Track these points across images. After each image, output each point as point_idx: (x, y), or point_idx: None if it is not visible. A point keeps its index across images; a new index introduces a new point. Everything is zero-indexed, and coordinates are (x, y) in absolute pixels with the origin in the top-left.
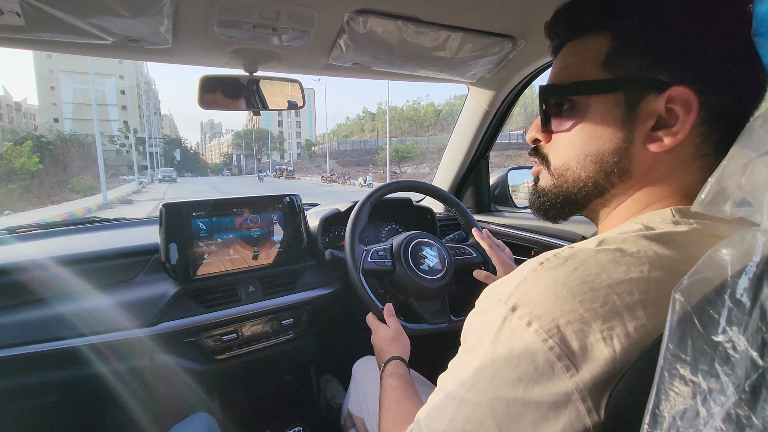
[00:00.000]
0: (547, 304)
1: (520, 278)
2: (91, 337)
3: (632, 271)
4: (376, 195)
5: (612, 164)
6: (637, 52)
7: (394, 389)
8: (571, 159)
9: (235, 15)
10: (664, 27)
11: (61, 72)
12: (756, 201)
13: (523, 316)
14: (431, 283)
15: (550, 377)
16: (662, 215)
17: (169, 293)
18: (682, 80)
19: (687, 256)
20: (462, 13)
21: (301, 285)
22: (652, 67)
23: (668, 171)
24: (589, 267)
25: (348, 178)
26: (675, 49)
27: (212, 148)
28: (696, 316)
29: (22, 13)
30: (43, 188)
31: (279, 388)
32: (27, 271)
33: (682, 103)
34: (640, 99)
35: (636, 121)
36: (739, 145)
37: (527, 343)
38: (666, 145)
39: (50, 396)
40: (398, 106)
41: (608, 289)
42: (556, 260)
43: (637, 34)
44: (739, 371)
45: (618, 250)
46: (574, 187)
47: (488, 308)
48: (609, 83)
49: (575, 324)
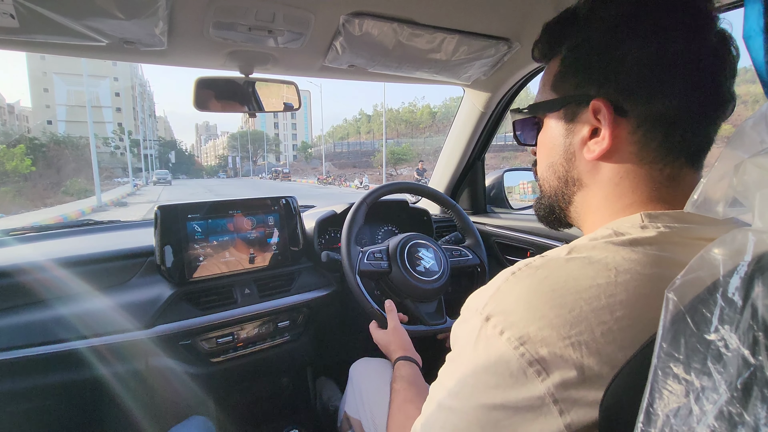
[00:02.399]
0: (519, 312)
1: (494, 288)
2: (84, 341)
3: (599, 277)
4: (373, 196)
5: (564, 173)
6: (573, 73)
7: (397, 393)
8: (543, 170)
9: (231, 17)
10: (591, 49)
11: (54, 74)
12: (747, 201)
13: (497, 325)
14: (427, 285)
15: (524, 382)
16: (632, 220)
17: (164, 296)
18: (606, 93)
19: (655, 260)
20: (457, 16)
21: (297, 287)
22: (584, 85)
23: (621, 179)
24: (559, 275)
25: (344, 179)
26: (598, 66)
27: (207, 150)
28: (689, 315)
29: (16, 14)
30: (36, 191)
31: (275, 391)
32: (20, 274)
33: (603, 114)
34: (576, 113)
35: (575, 133)
36: (730, 147)
37: (501, 351)
38: (597, 153)
39: (44, 400)
40: (394, 107)
41: (576, 296)
42: (528, 270)
43: (572, 58)
44: (731, 369)
45: (586, 258)
46: (549, 198)
47: (468, 318)
48: (556, 102)
49: (545, 330)
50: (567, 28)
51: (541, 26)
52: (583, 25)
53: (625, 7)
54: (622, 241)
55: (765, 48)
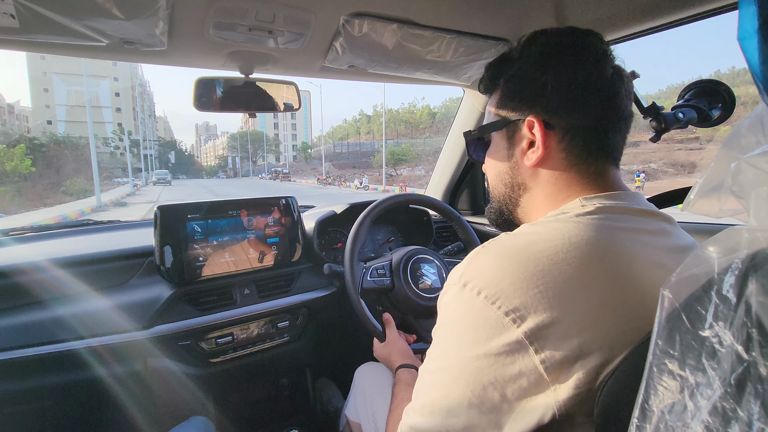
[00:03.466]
0: (491, 274)
1: (468, 260)
2: (83, 341)
3: (556, 239)
4: (376, 211)
5: (510, 180)
6: (511, 98)
7: (396, 396)
8: (493, 180)
9: (231, 18)
10: (521, 79)
11: (54, 74)
12: (742, 200)
13: (473, 288)
14: (430, 302)
15: (502, 331)
16: (573, 204)
17: (164, 296)
18: (536, 112)
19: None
20: (457, 17)
21: (296, 287)
22: (519, 107)
23: (557, 179)
24: (521, 242)
25: (344, 180)
26: (528, 92)
27: (207, 150)
28: (684, 313)
29: (17, 14)
30: (36, 191)
31: (275, 392)
32: (20, 274)
33: (536, 128)
34: (515, 129)
35: (516, 145)
36: (727, 146)
37: (479, 308)
38: (534, 160)
39: (42, 401)
40: (394, 108)
41: (538, 254)
42: (494, 242)
43: (509, 88)
44: (725, 365)
45: (543, 229)
46: (498, 202)
47: (447, 290)
48: (499, 123)
49: (515, 284)
50: (504, 66)
51: (540, 27)
52: (516, 61)
53: (545, 48)
54: (568, 217)
55: (759, 49)
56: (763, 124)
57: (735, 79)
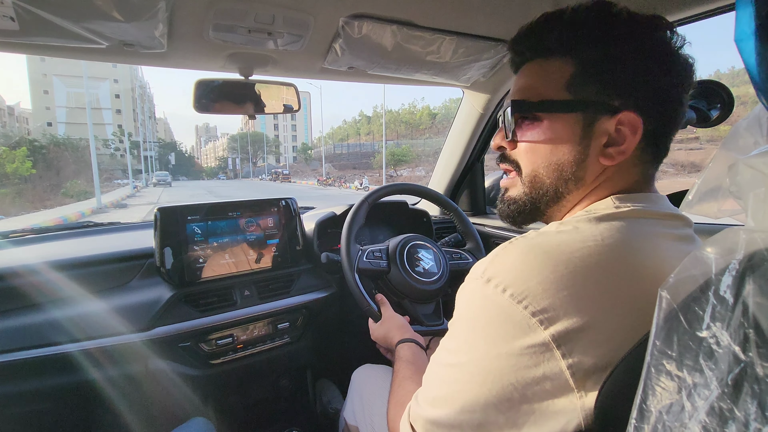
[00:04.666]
0: (517, 272)
1: (492, 256)
2: (84, 343)
3: (588, 240)
4: (374, 196)
5: (570, 173)
6: (595, 79)
7: (396, 373)
8: (538, 167)
9: (231, 19)
10: (617, 60)
11: (54, 76)
12: (741, 201)
13: (498, 285)
14: (426, 286)
15: (527, 332)
16: (605, 203)
17: (164, 298)
18: (629, 106)
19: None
20: (456, 18)
21: (296, 288)
22: (606, 93)
23: (613, 176)
24: (551, 241)
25: (344, 181)
26: (625, 79)
27: (207, 151)
28: (682, 313)
29: (17, 17)
30: (36, 192)
31: (275, 393)
32: (20, 276)
33: (630, 126)
34: (595, 119)
35: (591, 137)
36: (725, 147)
37: (503, 305)
38: (615, 160)
39: (43, 403)
40: (394, 109)
41: (569, 255)
42: (522, 239)
43: (595, 64)
44: (722, 366)
45: (574, 228)
46: (539, 194)
47: (468, 284)
48: (571, 104)
49: (544, 284)
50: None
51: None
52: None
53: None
54: (601, 216)
55: (756, 51)
56: (761, 125)
57: (735, 79)
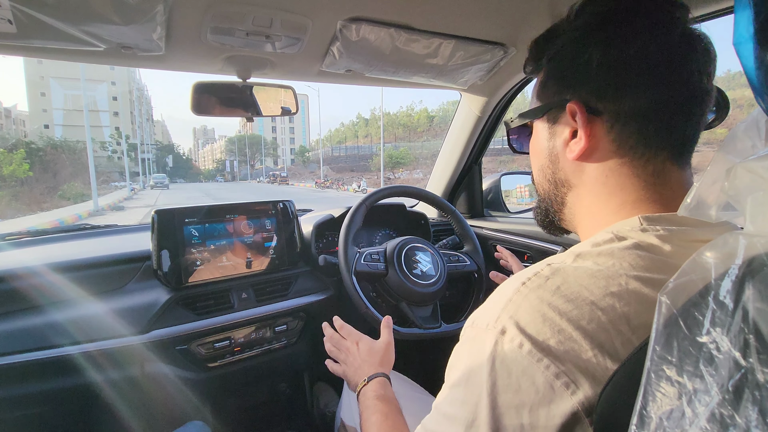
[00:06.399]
0: (537, 324)
1: (505, 300)
2: (81, 346)
3: (611, 286)
4: (372, 198)
5: (551, 174)
6: (553, 81)
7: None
8: (536, 174)
9: (229, 22)
10: (563, 58)
11: (51, 78)
12: (739, 205)
13: (514, 339)
14: (423, 288)
15: (552, 398)
16: (630, 224)
17: (161, 300)
18: (579, 96)
19: (658, 264)
20: (454, 21)
21: (294, 291)
22: (561, 91)
23: (606, 178)
24: (571, 284)
25: (342, 183)
26: (571, 72)
27: (205, 154)
28: (681, 319)
29: (14, 20)
30: (33, 195)
31: (273, 396)
32: (16, 279)
33: (581, 114)
34: (557, 117)
35: (557, 135)
36: (723, 150)
37: (523, 365)
38: (577, 152)
39: (39, 406)
40: (392, 111)
41: (592, 306)
42: (537, 279)
43: (551, 68)
44: (722, 371)
45: (594, 264)
46: (543, 201)
47: (476, 335)
48: (539, 109)
49: (567, 343)
50: (547, 42)
51: (537, 32)
52: (560, 36)
53: (593, 18)
54: (626, 246)
55: (755, 54)
56: (759, 128)
57: (731, 83)
